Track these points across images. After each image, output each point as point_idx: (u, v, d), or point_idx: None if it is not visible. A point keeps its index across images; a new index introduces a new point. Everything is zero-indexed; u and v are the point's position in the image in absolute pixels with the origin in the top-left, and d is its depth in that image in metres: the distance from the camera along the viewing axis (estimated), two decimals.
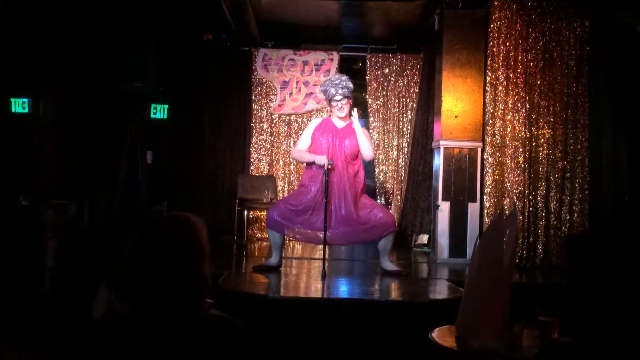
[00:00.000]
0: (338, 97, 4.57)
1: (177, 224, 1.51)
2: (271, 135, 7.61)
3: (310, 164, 4.65)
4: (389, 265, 4.70)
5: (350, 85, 4.63)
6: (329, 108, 4.85)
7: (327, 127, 4.66)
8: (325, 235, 4.40)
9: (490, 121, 5.57)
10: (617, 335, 1.63)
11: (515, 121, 5.55)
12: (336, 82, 4.59)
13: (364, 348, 3.48)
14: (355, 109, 4.62)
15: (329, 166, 4.44)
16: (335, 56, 7.57)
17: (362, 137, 4.58)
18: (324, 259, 4.47)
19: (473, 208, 5.63)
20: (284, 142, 7.60)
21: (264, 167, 7.59)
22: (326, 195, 4.40)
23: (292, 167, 7.60)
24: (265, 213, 7.25)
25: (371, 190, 7.60)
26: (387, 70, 7.59)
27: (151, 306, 1.45)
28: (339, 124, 4.67)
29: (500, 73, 5.56)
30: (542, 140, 5.60)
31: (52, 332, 3.51)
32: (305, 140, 4.71)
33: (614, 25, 5.72)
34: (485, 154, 5.58)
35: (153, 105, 6.79)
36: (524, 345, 2.35)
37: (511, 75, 5.56)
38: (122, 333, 1.43)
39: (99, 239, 5.58)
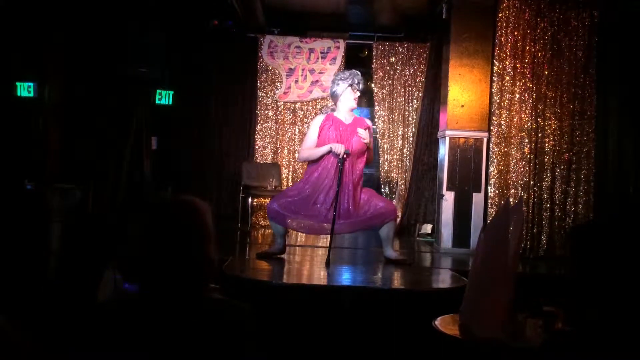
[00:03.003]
0: (358, 88, 4.55)
1: (183, 207, 1.51)
2: (276, 122, 7.60)
3: (314, 161, 4.58)
4: (393, 253, 4.69)
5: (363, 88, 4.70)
6: (334, 101, 4.67)
7: (334, 122, 4.57)
8: (333, 224, 4.39)
9: (497, 111, 5.54)
10: (620, 327, 1.63)
11: (521, 112, 5.53)
12: (359, 73, 4.62)
13: (367, 336, 3.49)
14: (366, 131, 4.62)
15: (346, 156, 4.42)
16: (342, 44, 7.54)
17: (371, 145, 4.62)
18: (329, 247, 4.47)
19: (477, 198, 5.62)
20: (289, 130, 7.59)
21: (269, 155, 7.59)
22: (339, 184, 4.39)
23: (296, 155, 7.59)
24: (269, 200, 7.29)
25: (375, 180, 7.61)
26: (393, 58, 7.55)
27: (158, 287, 1.45)
28: (346, 119, 4.60)
29: (507, 63, 5.52)
30: (549, 131, 5.57)
31: (57, 316, 3.53)
32: (312, 136, 4.58)
33: (623, 16, 5.67)
34: (491, 144, 5.56)
35: (158, 91, 6.80)
36: (527, 335, 2.36)
37: (518, 65, 5.53)
38: (127, 314, 1.43)
39: (103, 223, 5.60)
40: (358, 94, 4.58)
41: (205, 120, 7.55)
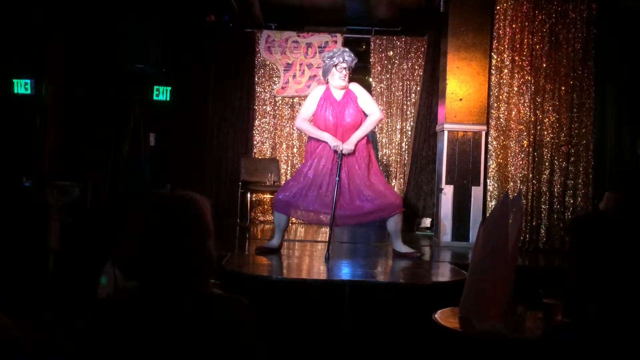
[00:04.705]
0: (344, 64, 4.49)
1: (181, 202, 1.50)
2: (274, 117, 7.59)
3: (314, 140, 4.59)
4: (402, 247, 4.66)
5: (355, 58, 4.60)
6: (327, 80, 4.64)
7: (328, 98, 4.59)
8: (332, 218, 4.39)
9: (495, 104, 5.54)
10: (619, 317, 1.64)
11: (520, 104, 5.53)
12: (344, 49, 4.60)
13: (367, 330, 3.49)
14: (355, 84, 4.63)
15: (343, 153, 4.41)
16: (339, 38, 7.52)
17: (365, 102, 4.56)
18: (329, 242, 4.48)
19: (476, 192, 5.62)
20: (287, 125, 7.58)
21: (267, 150, 7.58)
22: (338, 176, 4.38)
23: (295, 150, 7.59)
24: (268, 196, 7.29)
25: None
26: (391, 52, 7.53)
27: (157, 284, 1.45)
28: (337, 95, 4.59)
29: (505, 56, 5.52)
30: (547, 123, 5.57)
31: (57, 314, 3.53)
32: (310, 107, 4.61)
33: (621, 8, 5.66)
34: (490, 137, 5.56)
35: (156, 87, 6.78)
36: (527, 326, 2.36)
37: (517, 58, 5.52)
38: (127, 311, 1.43)
39: (102, 220, 5.59)
40: (344, 72, 4.51)
41: (203, 116, 7.53)
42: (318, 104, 4.59)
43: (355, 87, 4.63)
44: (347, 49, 4.63)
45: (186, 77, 7.23)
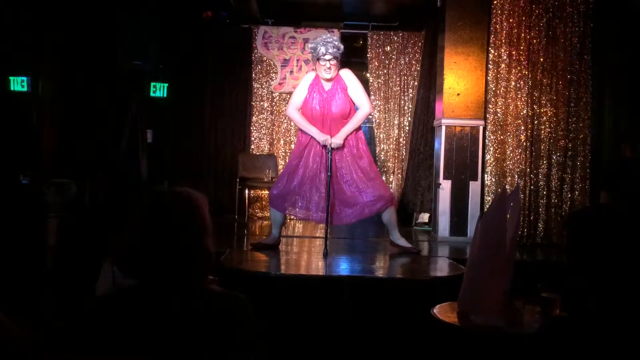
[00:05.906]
0: (327, 57, 4.35)
1: (179, 199, 1.50)
2: (272, 113, 7.58)
3: (303, 132, 4.57)
4: (400, 239, 4.63)
5: (341, 45, 4.45)
6: (315, 68, 4.52)
7: (316, 86, 4.51)
8: (327, 215, 4.39)
9: (493, 99, 5.54)
10: (617, 311, 1.64)
11: (517, 99, 5.53)
12: (327, 39, 4.41)
13: (366, 325, 3.50)
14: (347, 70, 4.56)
15: (332, 148, 4.40)
16: (336, 34, 7.48)
17: (354, 93, 4.49)
18: (326, 237, 4.48)
19: (474, 187, 5.62)
20: (285, 121, 7.57)
21: (265, 146, 7.58)
22: (329, 171, 4.38)
23: (292, 146, 7.57)
24: (266, 192, 7.29)
25: None
26: (388, 48, 7.52)
27: (156, 281, 1.45)
28: (326, 85, 4.52)
29: (503, 50, 5.51)
30: (544, 118, 5.58)
31: (56, 311, 3.53)
32: (301, 94, 4.53)
33: (618, 2, 5.65)
34: (487, 132, 5.57)
35: (153, 84, 6.76)
36: (525, 321, 2.37)
37: (514, 52, 5.52)
38: (126, 308, 1.43)
39: (99, 217, 5.58)
40: (328, 64, 4.38)
41: (200, 112, 7.52)
42: (308, 90, 4.52)
43: (346, 75, 4.52)
44: (330, 38, 4.44)
45: (183, 74, 7.22)
